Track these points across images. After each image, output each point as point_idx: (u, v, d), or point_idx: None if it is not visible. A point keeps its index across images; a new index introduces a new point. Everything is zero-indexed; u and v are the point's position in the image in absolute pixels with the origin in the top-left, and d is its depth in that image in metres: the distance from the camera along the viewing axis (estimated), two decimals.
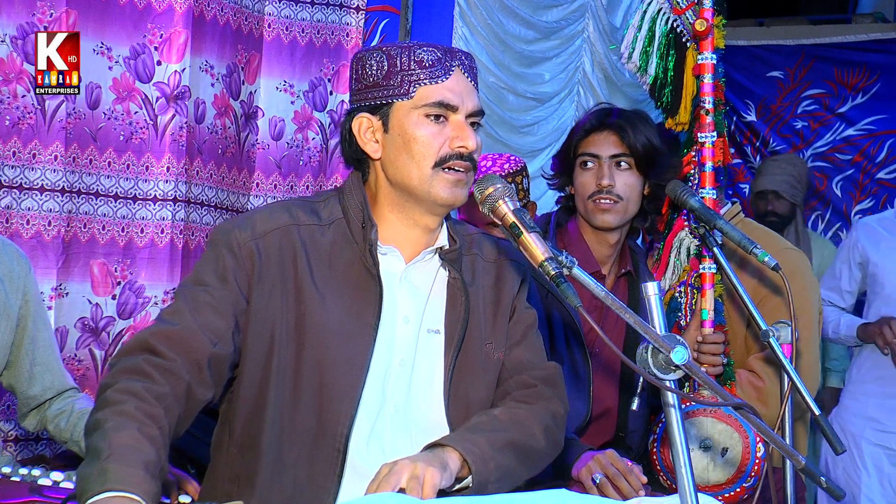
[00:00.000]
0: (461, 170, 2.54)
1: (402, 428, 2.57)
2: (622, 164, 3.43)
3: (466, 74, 2.59)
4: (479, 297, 2.69)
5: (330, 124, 4.88)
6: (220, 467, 2.59)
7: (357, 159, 2.65)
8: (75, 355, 4.08)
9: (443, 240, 2.66)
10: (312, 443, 2.48)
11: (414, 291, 2.63)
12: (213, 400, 2.46)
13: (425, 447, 2.48)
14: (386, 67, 2.55)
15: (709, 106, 3.46)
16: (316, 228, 2.57)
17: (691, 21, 3.49)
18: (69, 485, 2.48)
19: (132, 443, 2.14)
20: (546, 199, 5.25)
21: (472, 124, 2.59)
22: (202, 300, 2.45)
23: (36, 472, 2.59)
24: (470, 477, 2.44)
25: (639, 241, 3.81)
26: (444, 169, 2.53)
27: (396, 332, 2.58)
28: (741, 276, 3.69)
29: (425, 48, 2.56)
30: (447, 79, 2.54)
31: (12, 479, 2.56)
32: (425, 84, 2.53)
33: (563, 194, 3.65)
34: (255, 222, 2.55)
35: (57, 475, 2.55)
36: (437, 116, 2.54)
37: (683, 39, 3.52)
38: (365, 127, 2.60)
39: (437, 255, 2.65)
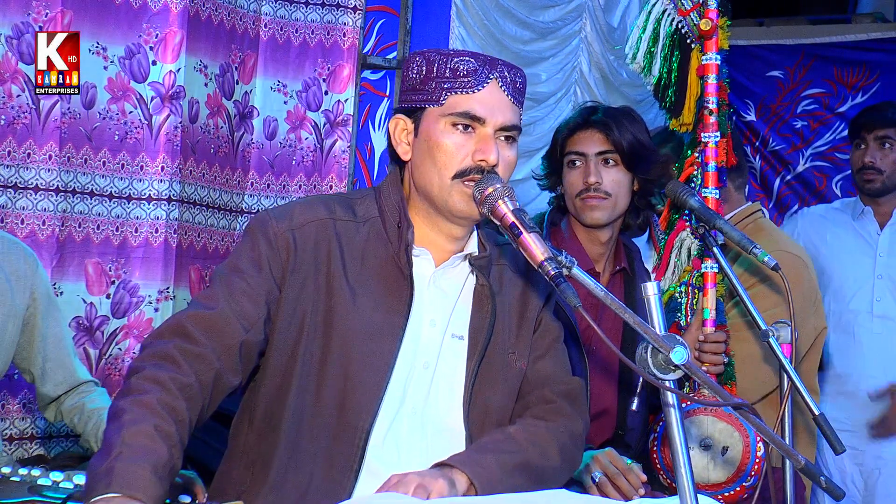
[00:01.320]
0: None
1: (419, 429, 2.58)
2: (609, 161, 3.44)
3: (504, 88, 2.56)
4: (506, 307, 2.70)
5: (325, 124, 4.87)
6: (236, 454, 2.59)
7: (395, 158, 2.68)
8: None
9: (472, 246, 2.67)
10: (332, 437, 2.49)
11: (442, 295, 2.63)
12: (239, 386, 2.48)
13: (434, 465, 2.47)
14: (424, 72, 2.56)
15: (712, 106, 3.46)
16: (352, 225, 2.59)
17: (696, 22, 3.49)
18: (69, 485, 2.48)
19: (144, 441, 2.14)
20: (541, 200, 5.23)
21: (507, 138, 2.57)
22: (237, 286, 2.47)
23: (36, 472, 2.58)
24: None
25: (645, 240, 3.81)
26: (463, 181, 2.52)
27: (422, 334, 2.59)
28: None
29: (465, 57, 2.56)
30: (480, 90, 2.53)
31: (12, 479, 2.55)
32: (457, 93, 2.53)
33: (554, 195, 3.65)
34: (293, 213, 2.57)
35: (56, 475, 2.54)
36: (465, 126, 2.53)
37: (688, 41, 3.52)
38: (400, 128, 2.63)
39: (467, 261, 2.65)
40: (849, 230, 5.14)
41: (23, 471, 2.59)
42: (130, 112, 4.20)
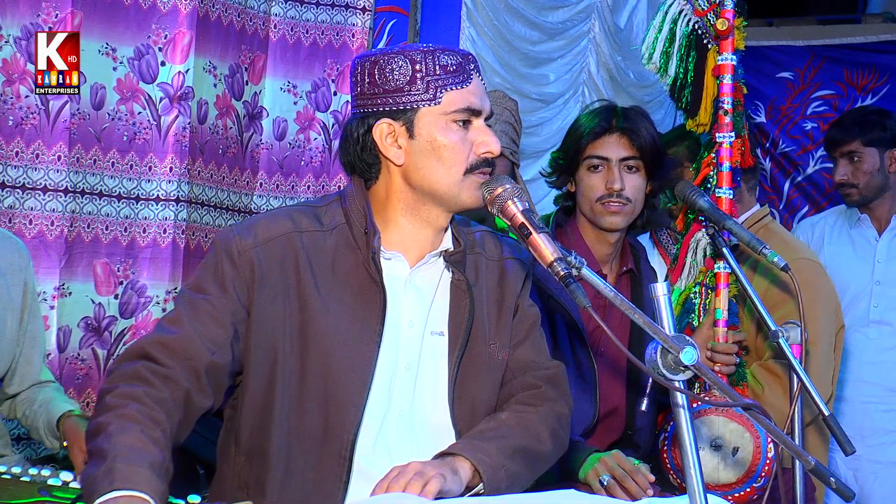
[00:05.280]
0: (486, 174, 2.54)
1: (408, 431, 2.57)
2: (632, 167, 3.42)
3: (482, 77, 2.59)
4: (483, 297, 2.69)
5: (333, 125, 4.88)
6: (227, 475, 2.59)
7: (367, 164, 2.61)
8: (78, 355, 4.08)
9: (447, 242, 2.66)
10: (319, 449, 2.49)
11: (419, 295, 2.62)
12: (212, 408, 2.47)
13: (436, 455, 2.48)
14: (410, 72, 2.52)
15: (727, 106, 3.45)
16: (319, 234, 2.56)
17: (712, 23, 3.47)
18: (78, 485, 2.48)
19: (137, 444, 2.15)
20: (549, 200, 5.22)
21: (488, 125, 2.58)
22: (201, 308, 2.45)
23: (46, 472, 2.59)
24: (481, 485, 2.44)
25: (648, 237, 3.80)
26: (474, 174, 2.53)
27: (401, 336, 2.58)
28: (754, 278, 3.68)
29: (447, 53, 2.54)
30: (470, 83, 2.54)
31: (22, 479, 2.56)
32: (452, 89, 2.52)
33: (559, 193, 3.63)
34: (257, 229, 2.53)
35: (66, 475, 2.55)
36: (465, 122, 2.53)
37: (704, 41, 3.51)
38: (386, 132, 2.57)
39: (442, 257, 2.64)
40: (845, 238, 5.16)
41: (33, 471, 2.60)
42: (139, 113, 4.20)
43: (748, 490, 3.17)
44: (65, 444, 3.20)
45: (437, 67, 2.51)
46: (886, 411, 5.06)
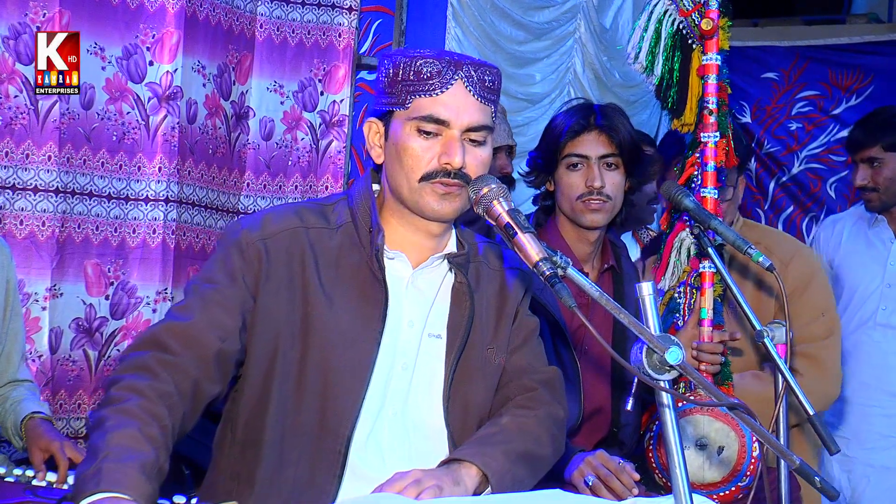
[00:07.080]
0: (449, 185, 2.53)
1: (401, 431, 2.58)
2: (611, 164, 3.43)
3: (470, 88, 2.54)
4: (483, 303, 2.70)
5: (320, 124, 4.88)
6: (221, 465, 2.60)
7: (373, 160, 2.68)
8: (69, 356, 4.08)
9: (451, 246, 2.67)
10: (314, 443, 2.49)
11: (420, 296, 2.63)
12: (219, 396, 2.47)
13: (442, 462, 2.49)
14: (391, 75, 2.55)
15: (712, 106, 3.46)
16: (324, 232, 2.58)
17: (697, 23, 3.49)
18: (63, 486, 2.48)
19: (130, 443, 2.15)
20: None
21: (473, 140, 2.55)
22: (211, 297, 2.47)
23: (30, 472, 2.58)
24: (488, 490, 2.45)
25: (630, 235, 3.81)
26: (432, 183, 2.52)
27: (400, 336, 2.59)
28: (746, 283, 3.70)
29: (429, 59, 2.53)
30: (443, 92, 2.52)
31: (7, 479, 2.56)
32: (421, 96, 2.52)
33: (538, 192, 3.65)
34: (264, 223, 2.56)
35: (52, 476, 2.54)
36: (429, 130, 2.52)
37: (689, 41, 3.52)
38: (373, 132, 2.62)
39: (445, 260, 2.65)
40: (862, 238, 5.13)
41: (17, 471, 2.60)
42: (128, 113, 4.20)
43: (733, 489, 3.19)
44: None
45: (412, 73, 2.52)
46: (886, 416, 5.04)
